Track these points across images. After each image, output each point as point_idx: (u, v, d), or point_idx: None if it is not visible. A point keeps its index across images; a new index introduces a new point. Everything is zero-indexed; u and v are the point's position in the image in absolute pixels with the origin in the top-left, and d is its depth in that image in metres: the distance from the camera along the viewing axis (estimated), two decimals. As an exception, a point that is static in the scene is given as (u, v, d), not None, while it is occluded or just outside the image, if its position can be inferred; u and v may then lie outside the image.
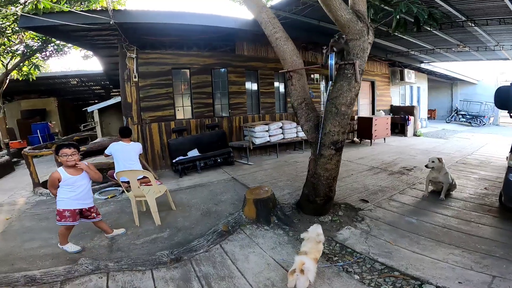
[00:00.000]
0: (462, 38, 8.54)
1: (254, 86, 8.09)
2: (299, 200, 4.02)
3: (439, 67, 14.05)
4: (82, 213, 3.10)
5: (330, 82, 3.42)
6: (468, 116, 16.82)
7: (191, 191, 5.03)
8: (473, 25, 6.77)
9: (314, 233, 2.56)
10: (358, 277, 2.51)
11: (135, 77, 6.01)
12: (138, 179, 3.80)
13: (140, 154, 4.85)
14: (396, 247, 2.94)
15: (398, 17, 3.36)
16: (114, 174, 4.00)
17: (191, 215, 3.98)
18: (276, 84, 8.48)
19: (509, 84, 3.36)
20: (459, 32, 7.84)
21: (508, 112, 3.49)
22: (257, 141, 7.11)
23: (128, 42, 5.85)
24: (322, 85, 9.58)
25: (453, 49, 9.69)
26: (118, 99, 8.91)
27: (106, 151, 4.36)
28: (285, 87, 8.49)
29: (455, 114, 17.50)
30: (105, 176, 4.44)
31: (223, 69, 7.39)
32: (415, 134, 11.32)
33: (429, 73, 15.11)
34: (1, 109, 9.97)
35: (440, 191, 4.28)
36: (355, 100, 3.36)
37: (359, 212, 3.86)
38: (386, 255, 2.79)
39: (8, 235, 3.60)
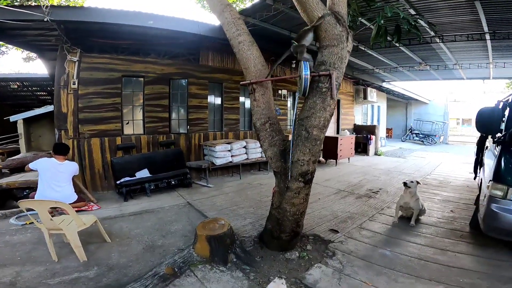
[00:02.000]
0: (425, 56, 8.96)
1: (218, 100, 7.51)
2: (262, 233, 3.46)
3: (398, 86, 14.92)
4: None
5: (297, 94, 2.90)
6: (421, 135, 18.04)
7: (135, 218, 4.25)
8: (440, 41, 7.04)
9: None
10: None
11: (74, 84, 5.17)
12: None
13: (75, 175, 4.23)
14: None
15: (380, 23, 2.98)
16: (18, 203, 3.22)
17: (130, 249, 3.28)
18: (241, 99, 7.98)
19: (492, 105, 3.22)
20: (424, 50, 8.20)
21: (491, 137, 3.34)
22: (218, 162, 6.50)
23: (71, 43, 5.09)
24: (290, 101, 9.28)
25: (415, 67, 10.20)
26: (50, 108, 7.74)
27: (31, 165, 3.76)
28: (252, 112, 8.04)
29: (410, 133, 18.74)
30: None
31: (184, 80, 6.74)
32: (376, 153, 11.66)
33: (388, 92, 15.97)
34: None
35: (410, 216, 4.11)
36: (329, 122, 2.85)
37: (329, 245, 3.43)
38: None
39: None
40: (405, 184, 4.08)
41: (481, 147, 4.78)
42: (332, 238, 3.61)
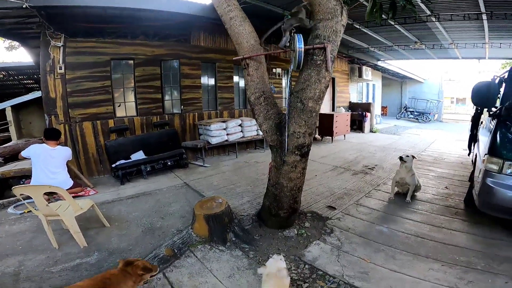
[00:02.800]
0: (421, 35, 8.76)
1: (211, 80, 7.37)
2: (260, 211, 3.48)
3: (393, 65, 14.80)
4: None
5: (290, 68, 2.83)
6: (415, 113, 18.13)
7: (133, 201, 4.23)
8: (436, 20, 6.85)
9: (275, 269, 1.94)
10: None
11: (60, 69, 4.97)
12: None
13: (69, 160, 4.14)
14: (372, 265, 2.60)
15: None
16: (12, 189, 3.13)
17: (130, 232, 3.26)
18: (235, 78, 7.86)
19: (488, 80, 3.17)
20: (420, 29, 7.99)
21: (487, 111, 3.33)
22: (214, 141, 6.46)
23: (54, 29, 4.84)
24: (284, 80, 9.14)
25: (410, 46, 9.99)
26: (38, 94, 7.50)
27: (23, 153, 3.66)
28: (246, 87, 7.90)
29: (404, 111, 18.81)
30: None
31: (176, 61, 6.55)
32: (371, 131, 11.70)
33: (384, 71, 15.87)
34: None
35: (405, 192, 4.15)
36: (325, 94, 2.85)
37: (327, 222, 3.47)
38: (363, 277, 2.43)
39: None
40: (401, 158, 4.08)
41: (475, 123, 4.77)
42: (330, 215, 3.64)
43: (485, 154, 3.01)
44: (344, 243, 2.99)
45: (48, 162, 3.63)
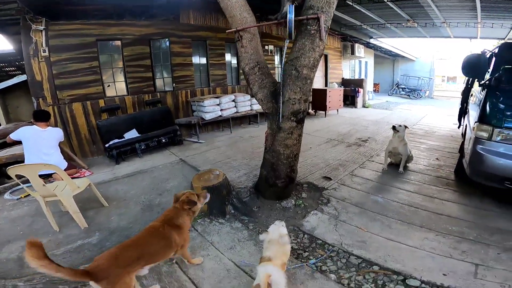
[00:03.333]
0: (413, 13, 8.67)
1: (203, 58, 7.26)
2: (257, 183, 3.54)
3: (385, 43, 14.86)
4: None
5: (287, 41, 2.83)
6: (407, 90, 18.37)
7: (129, 180, 4.23)
8: None
9: (276, 235, 2.00)
10: (335, 276, 2.17)
11: (44, 52, 4.80)
12: (53, 173, 3.05)
13: (62, 141, 4.02)
14: (369, 234, 2.70)
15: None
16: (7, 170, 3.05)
17: (129, 211, 3.28)
18: (227, 55, 7.76)
19: (479, 52, 3.24)
20: (412, 6, 7.90)
21: (477, 81, 3.40)
22: (208, 116, 6.44)
23: (34, 13, 4.60)
24: (277, 57, 9.08)
25: (403, 24, 9.90)
26: (23, 77, 7.25)
27: (12, 135, 3.50)
28: (238, 59, 7.80)
29: (396, 88, 19.04)
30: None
31: (165, 40, 6.39)
32: (364, 106, 11.90)
33: (376, 48, 16.01)
34: None
35: (398, 163, 4.25)
36: (319, 62, 2.87)
37: (323, 192, 3.55)
38: (361, 246, 2.53)
39: None
40: (393, 127, 4.15)
41: (466, 97, 4.84)
42: (326, 186, 3.72)
43: (475, 122, 3.08)
44: (341, 213, 3.08)
45: (40, 144, 3.52)
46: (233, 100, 7.13)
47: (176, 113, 6.67)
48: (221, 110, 6.73)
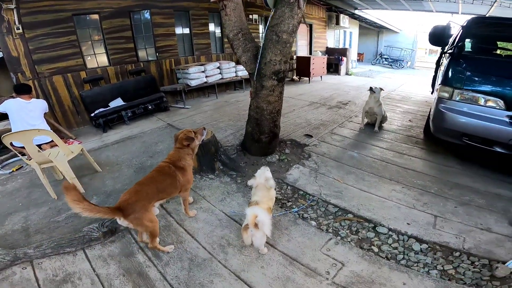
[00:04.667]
0: None
1: (186, 28, 7.14)
2: (244, 140, 3.78)
3: (370, 14, 14.84)
4: None
5: (273, 10, 2.99)
6: (390, 60, 18.67)
7: (119, 146, 4.34)
8: None
9: (263, 178, 2.25)
10: (315, 223, 2.45)
11: (17, 29, 4.64)
12: (46, 143, 3.11)
13: (46, 113, 3.96)
14: (344, 185, 2.98)
15: None
16: (1, 138, 3.08)
17: (122, 174, 3.42)
18: (211, 25, 7.65)
19: (444, 24, 3.53)
20: None
21: (441, 48, 3.71)
22: (193, 83, 6.50)
23: None
24: (261, 27, 9.03)
25: None
26: None
27: None
28: (222, 27, 7.71)
29: (380, 58, 19.28)
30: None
31: (146, 11, 6.20)
32: (347, 73, 12.16)
33: (361, 19, 15.95)
34: None
35: (374, 123, 4.57)
36: (297, 28, 3.04)
37: (305, 148, 3.82)
38: (337, 195, 2.80)
39: None
40: (370, 89, 4.43)
41: (438, 65, 5.14)
42: (307, 142, 4.00)
43: (439, 84, 3.40)
44: (320, 166, 3.37)
45: (26, 116, 3.45)
46: (218, 67, 7.18)
47: (161, 81, 6.68)
48: (206, 76, 6.79)
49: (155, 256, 2.08)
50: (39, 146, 3.06)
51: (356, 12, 13.46)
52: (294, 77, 10.30)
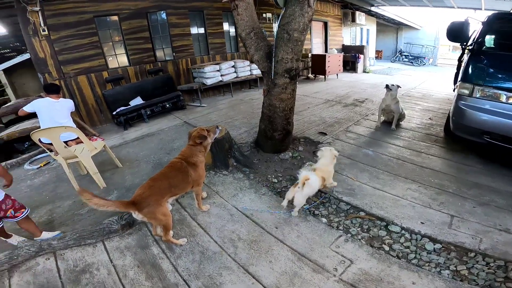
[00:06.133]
0: None
1: (201, 28, 7.31)
2: (257, 138, 3.83)
3: (388, 11, 14.46)
4: None
5: (283, 9, 3.01)
6: (410, 57, 18.01)
7: (138, 143, 4.52)
8: None
9: (329, 153, 2.65)
10: (326, 220, 2.46)
11: (43, 31, 4.92)
12: (71, 140, 3.23)
13: (72, 112, 4.14)
14: (358, 183, 2.93)
15: None
16: (31, 135, 3.27)
17: (141, 169, 3.57)
18: (225, 24, 7.78)
19: (462, 20, 3.42)
20: None
21: (460, 44, 3.62)
22: (209, 82, 6.63)
23: None
24: (275, 25, 8.95)
25: None
26: (26, 56, 7.38)
27: (26, 108, 3.58)
28: (235, 28, 7.79)
29: (399, 55, 18.65)
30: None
31: (162, 12, 6.41)
32: (364, 71, 11.84)
33: (378, 16, 15.59)
34: None
35: (391, 121, 4.45)
36: (308, 26, 3.06)
37: (318, 145, 3.79)
38: (350, 193, 2.76)
39: None
40: (387, 86, 4.32)
41: (461, 61, 4.95)
42: (321, 140, 3.97)
43: (459, 81, 3.30)
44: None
45: (54, 114, 3.58)
46: (233, 66, 7.27)
47: (178, 80, 6.87)
48: (221, 75, 6.90)
49: (168, 249, 2.17)
50: (65, 142, 3.24)
51: (373, 9, 13.14)
52: (309, 75, 10.22)
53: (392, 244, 2.14)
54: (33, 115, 3.58)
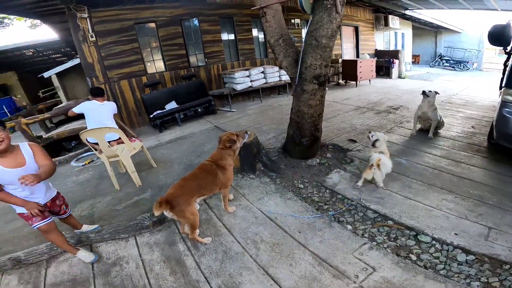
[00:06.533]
0: None
1: (231, 34, 7.54)
2: (285, 143, 3.85)
3: (424, 14, 13.85)
4: (52, 209, 2.25)
5: (311, 16, 3.03)
6: (452, 61, 16.97)
7: (172, 145, 4.77)
8: None
9: (382, 136, 3.09)
10: (351, 227, 2.42)
11: (92, 37, 5.39)
12: (113, 140, 3.48)
13: (115, 114, 4.46)
14: (388, 191, 2.83)
15: None
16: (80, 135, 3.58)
17: (173, 170, 3.76)
18: (254, 31, 7.95)
19: (504, 23, 3.23)
20: None
21: (503, 49, 3.43)
22: (239, 87, 6.79)
23: (76, 2, 5.10)
24: (304, 30, 9.01)
25: None
26: (76, 61, 8.12)
27: (75, 109, 3.91)
28: (264, 35, 7.91)
29: (439, 59, 17.65)
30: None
31: (195, 19, 6.74)
32: (400, 77, 11.32)
33: (414, 20, 14.99)
34: None
35: (428, 129, 4.19)
36: (337, 32, 3.05)
37: (347, 153, 3.72)
38: (378, 201, 2.68)
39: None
40: (423, 92, 4.10)
41: (506, 66, 4.61)
42: (351, 147, 3.89)
43: (503, 87, 3.10)
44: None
45: (99, 116, 3.85)
46: (262, 72, 7.37)
47: (209, 85, 7.13)
48: (251, 81, 7.03)
49: (193, 247, 2.28)
50: (108, 142, 3.48)
51: (407, 12, 12.60)
52: (340, 81, 10.02)
53: (420, 254, 2.06)
54: (80, 117, 3.90)
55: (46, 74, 9.01)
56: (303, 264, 2.00)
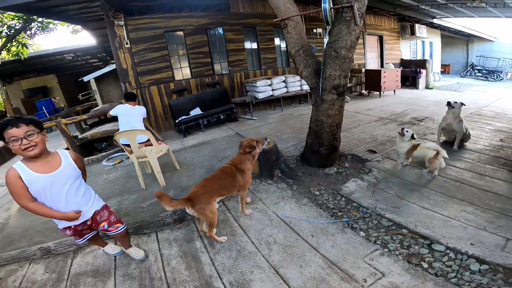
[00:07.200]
0: None
1: (254, 43, 7.77)
2: (303, 151, 3.92)
3: (454, 23, 13.40)
4: (91, 227, 2.09)
5: (328, 27, 3.15)
6: (484, 71, 16.26)
7: (195, 149, 4.98)
8: None
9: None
10: (364, 234, 2.45)
11: (127, 44, 5.82)
12: (142, 142, 3.71)
13: (144, 118, 4.70)
14: (404, 201, 2.82)
15: None
16: (114, 136, 3.88)
17: (195, 173, 3.93)
18: (276, 40, 8.13)
19: None
20: None
21: None
22: (260, 96, 6.95)
23: (114, 10, 5.54)
24: (326, 39, 8.99)
25: (468, 4, 8.74)
26: (113, 66, 8.68)
27: (111, 112, 4.25)
28: (286, 44, 8.09)
29: (471, 69, 16.97)
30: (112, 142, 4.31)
31: (219, 28, 7.05)
32: (427, 87, 10.93)
33: (442, 28, 14.56)
34: (0, 90, 9.83)
35: (453, 141, 4.07)
36: (356, 44, 3.11)
37: (366, 163, 3.72)
38: (394, 211, 2.68)
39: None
40: (448, 103, 3.99)
41: None
42: (370, 158, 3.87)
43: None
44: (380, 182, 3.25)
45: (130, 119, 4.08)
46: (284, 81, 7.47)
47: (232, 93, 7.36)
48: (272, 90, 7.16)
49: (209, 244, 2.42)
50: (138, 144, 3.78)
51: (435, 21, 12.24)
52: (363, 91, 9.87)
53: (433, 262, 2.05)
54: (113, 119, 4.21)
55: (86, 78, 9.75)
56: (313, 266, 2.07)
